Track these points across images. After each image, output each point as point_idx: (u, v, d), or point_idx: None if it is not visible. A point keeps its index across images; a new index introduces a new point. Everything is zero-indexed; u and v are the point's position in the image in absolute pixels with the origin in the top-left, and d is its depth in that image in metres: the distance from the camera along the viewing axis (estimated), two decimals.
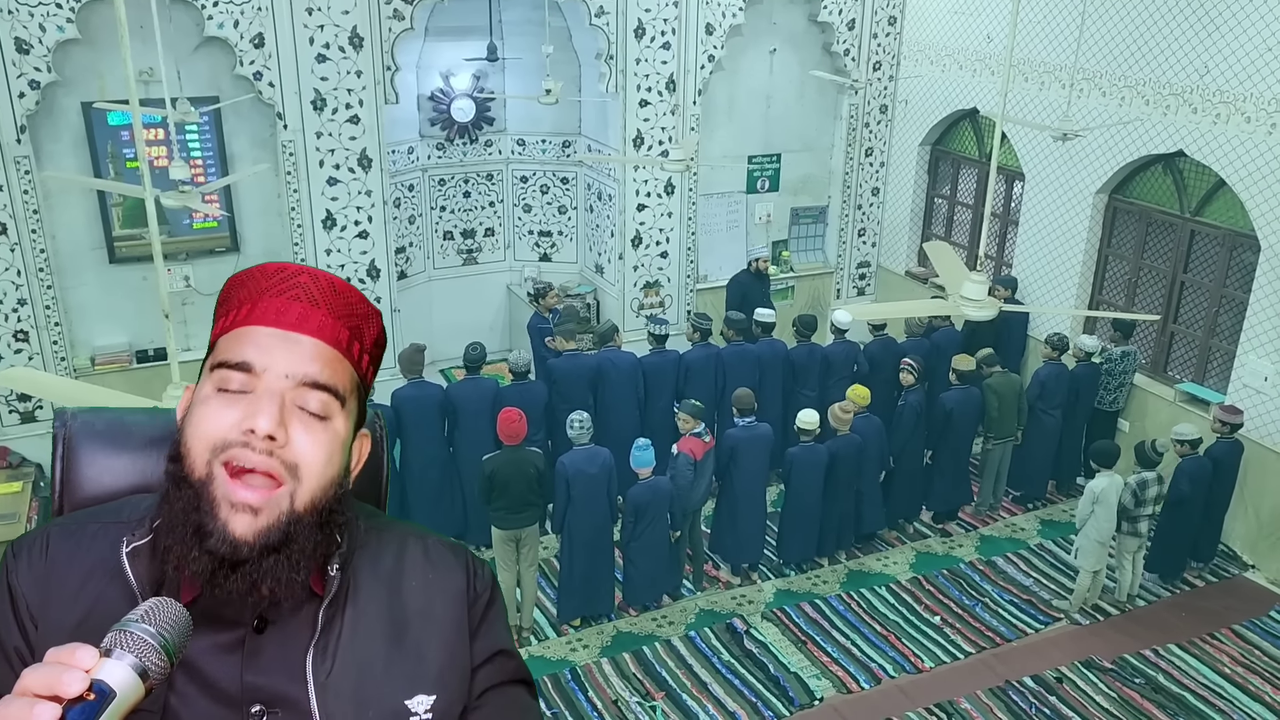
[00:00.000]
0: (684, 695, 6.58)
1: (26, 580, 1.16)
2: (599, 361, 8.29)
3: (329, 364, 1.14)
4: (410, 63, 9.81)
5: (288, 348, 1.13)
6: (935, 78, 10.81)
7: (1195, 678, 6.83)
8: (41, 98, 7.82)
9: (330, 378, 1.14)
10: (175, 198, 6.39)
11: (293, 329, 1.13)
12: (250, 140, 8.81)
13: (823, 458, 7.50)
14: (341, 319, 1.17)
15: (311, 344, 1.14)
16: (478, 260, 11.13)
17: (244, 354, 1.12)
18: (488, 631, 1.30)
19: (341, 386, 1.15)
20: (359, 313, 1.19)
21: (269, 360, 1.11)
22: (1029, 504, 8.98)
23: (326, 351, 1.14)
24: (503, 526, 6.91)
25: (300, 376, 1.12)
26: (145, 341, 8.81)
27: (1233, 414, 7.59)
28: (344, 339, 1.17)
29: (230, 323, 1.16)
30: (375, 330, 1.22)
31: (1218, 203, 8.36)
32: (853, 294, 11.83)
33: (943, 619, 7.42)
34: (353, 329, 1.18)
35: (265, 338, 1.13)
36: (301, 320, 1.14)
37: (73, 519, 1.24)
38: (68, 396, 5.46)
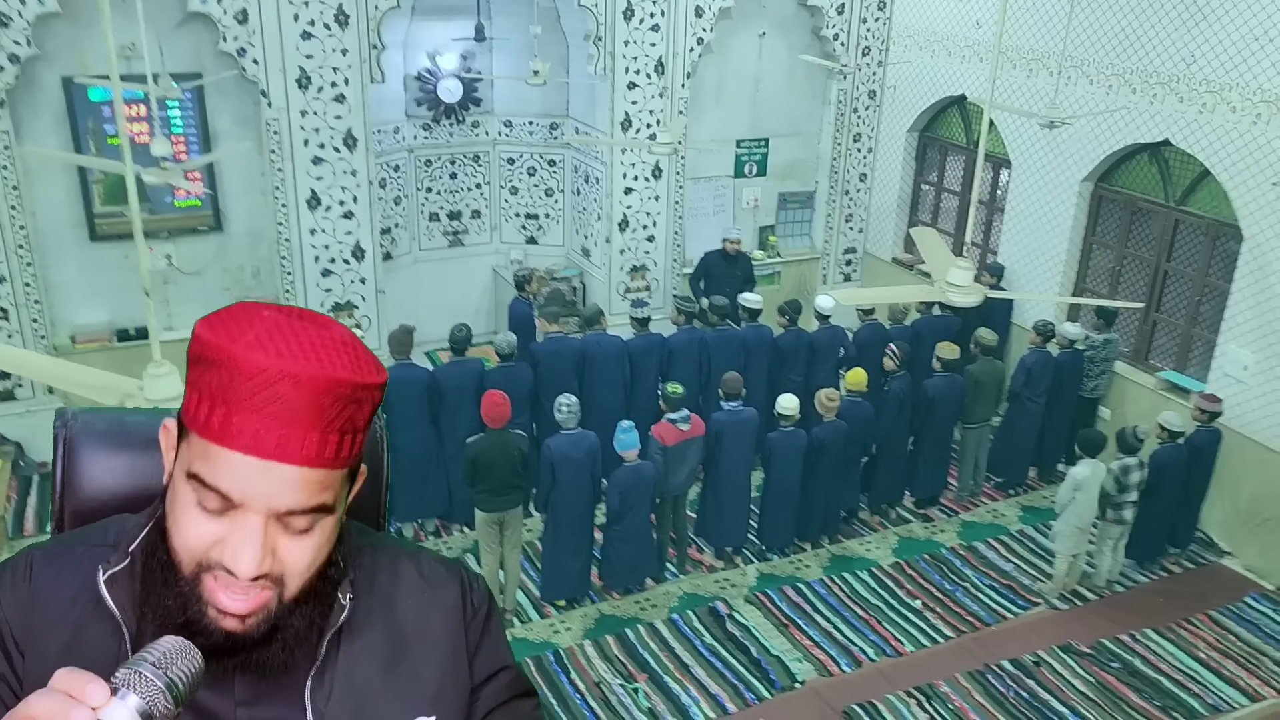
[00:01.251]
0: (666, 677, 6.61)
1: (10, 604, 1.15)
2: (583, 344, 8.28)
3: (314, 486, 1.05)
4: (396, 42, 9.73)
5: (268, 479, 1.03)
6: (924, 64, 10.80)
7: (1171, 662, 6.91)
8: (21, 72, 7.71)
9: (316, 499, 1.06)
10: (157, 175, 6.33)
11: (272, 457, 1.02)
12: (233, 118, 8.72)
13: (802, 442, 7.52)
14: (328, 427, 1.04)
15: (293, 472, 1.03)
16: (464, 242, 11.08)
17: (219, 482, 1.03)
18: (488, 649, 1.30)
19: (331, 498, 1.08)
20: (351, 402, 1.05)
21: (247, 494, 1.03)
22: (1010, 490, 9.03)
23: (311, 475, 1.04)
24: (486, 509, 6.91)
25: (283, 509, 1.05)
26: (126, 320, 8.74)
27: (1212, 402, 7.65)
28: (330, 451, 1.05)
29: (205, 420, 1.04)
30: (371, 406, 1.09)
31: (1202, 192, 8.39)
32: (839, 279, 11.84)
33: (923, 603, 7.47)
34: (344, 426, 1.06)
35: (243, 468, 1.02)
36: (281, 447, 1.02)
37: (58, 541, 1.23)
38: (47, 375, 5.42)
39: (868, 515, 8.49)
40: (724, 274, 10.01)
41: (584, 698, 6.43)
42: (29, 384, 8.43)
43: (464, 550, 7.85)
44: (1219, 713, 6.50)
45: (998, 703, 6.47)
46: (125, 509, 1.26)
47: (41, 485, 8.37)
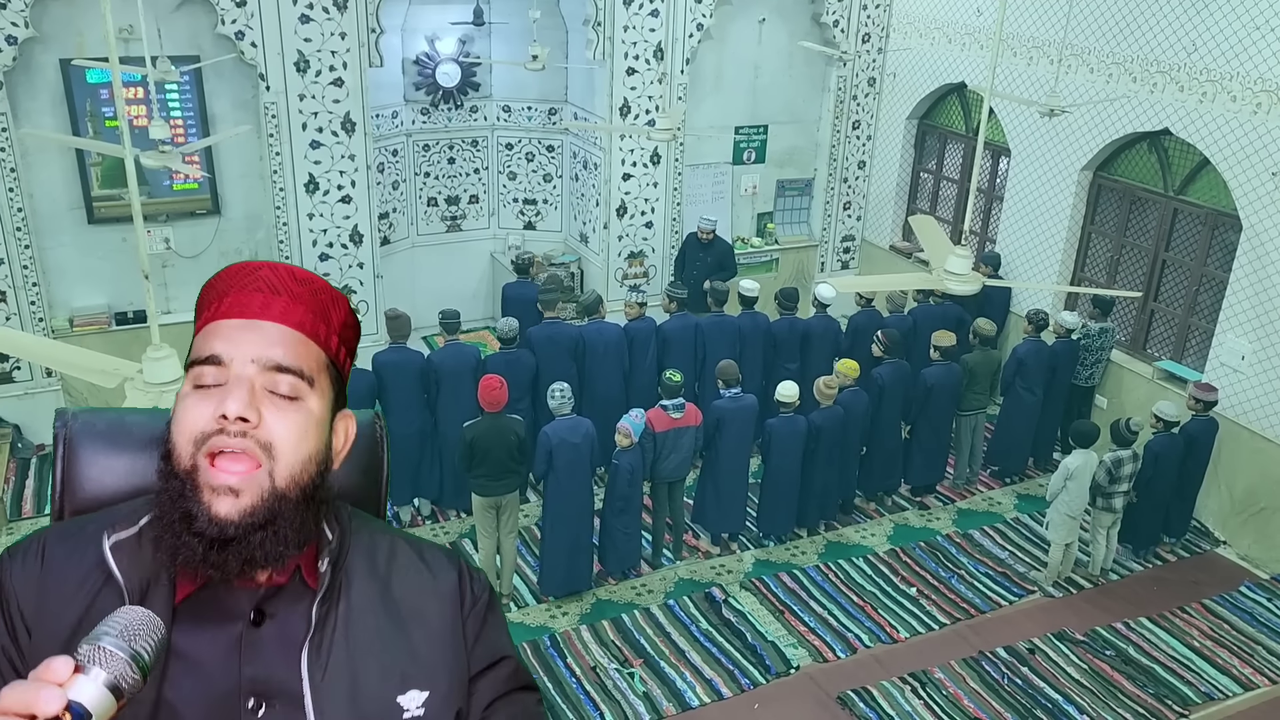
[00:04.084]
0: (662, 663, 6.64)
1: (20, 582, 1.17)
2: (580, 331, 8.27)
3: (293, 347, 1.18)
4: (395, 25, 9.69)
5: (251, 335, 1.16)
6: (924, 51, 10.77)
7: (1165, 650, 6.95)
8: (19, 54, 7.68)
9: (295, 360, 1.17)
10: (155, 158, 6.32)
11: (255, 317, 1.18)
12: (232, 101, 8.69)
13: (801, 429, 7.53)
14: (303, 303, 1.21)
15: (274, 329, 1.18)
16: (461, 227, 11.07)
17: (212, 347, 1.16)
18: (487, 638, 1.32)
19: (308, 368, 1.19)
20: (323, 297, 1.23)
21: (234, 349, 1.15)
22: (1006, 479, 9.06)
23: (289, 335, 1.18)
24: (483, 494, 6.92)
25: (265, 361, 1.16)
26: (124, 303, 8.73)
27: (1208, 391, 7.67)
28: (307, 322, 1.20)
29: (201, 323, 1.21)
30: (342, 313, 1.25)
31: (1201, 182, 8.39)
32: (837, 267, 11.84)
33: (919, 590, 7.50)
34: (316, 311, 1.22)
35: (230, 329, 1.17)
36: (263, 308, 1.18)
37: (71, 523, 1.26)
38: (46, 357, 5.42)
39: (863, 502, 8.52)
40: (695, 259, 10.04)
41: (580, 682, 6.46)
42: (27, 366, 8.43)
43: (460, 535, 7.87)
44: (1212, 700, 6.53)
45: (992, 689, 6.51)
46: None
47: (39, 467, 8.37)
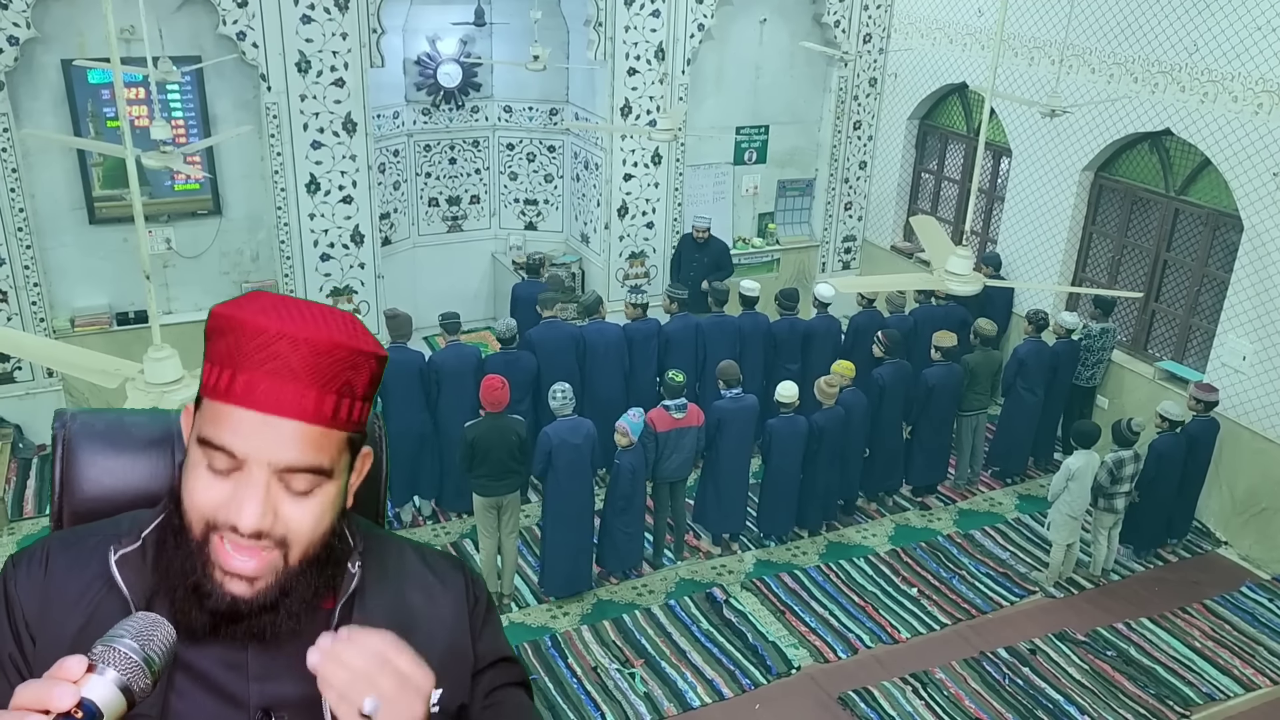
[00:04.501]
0: (663, 663, 6.64)
1: (25, 590, 1.18)
2: (581, 331, 8.27)
3: (311, 444, 1.11)
4: (396, 26, 9.69)
5: (267, 434, 1.09)
6: (925, 51, 10.77)
7: (1166, 651, 6.94)
8: (20, 54, 7.69)
9: (314, 458, 1.11)
10: (156, 158, 6.32)
11: (271, 411, 1.09)
12: (233, 102, 8.70)
13: (802, 429, 7.53)
14: (325, 386, 1.11)
15: (291, 427, 1.09)
16: (463, 228, 11.07)
17: (224, 439, 1.10)
18: (488, 637, 1.35)
19: (328, 460, 1.13)
20: (347, 366, 1.12)
21: (249, 448, 1.09)
22: (1007, 479, 9.05)
23: (307, 432, 1.10)
24: (484, 494, 6.92)
25: (282, 464, 1.10)
26: (126, 304, 8.74)
27: (1208, 392, 7.66)
28: (328, 409, 1.11)
29: (214, 383, 1.12)
30: (368, 374, 1.15)
31: (1202, 182, 8.38)
32: (838, 268, 11.84)
33: (920, 591, 7.50)
34: (339, 388, 1.12)
35: (244, 423, 1.09)
36: (279, 401, 1.09)
37: (73, 532, 1.26)
38: (47, 357, 5.42)
39: (864, 502, 8.52)
40: (689, 259, 10.07)
41: (581, 682, 6.46)
42: (28, 367, 8.43)
43: (461, 535, 7.87)
44: (1213, 701, 6.52)
45: (993, 690, 6.50)
46: (125, 509, 1.28)
47: (40, 467, 8.38)
